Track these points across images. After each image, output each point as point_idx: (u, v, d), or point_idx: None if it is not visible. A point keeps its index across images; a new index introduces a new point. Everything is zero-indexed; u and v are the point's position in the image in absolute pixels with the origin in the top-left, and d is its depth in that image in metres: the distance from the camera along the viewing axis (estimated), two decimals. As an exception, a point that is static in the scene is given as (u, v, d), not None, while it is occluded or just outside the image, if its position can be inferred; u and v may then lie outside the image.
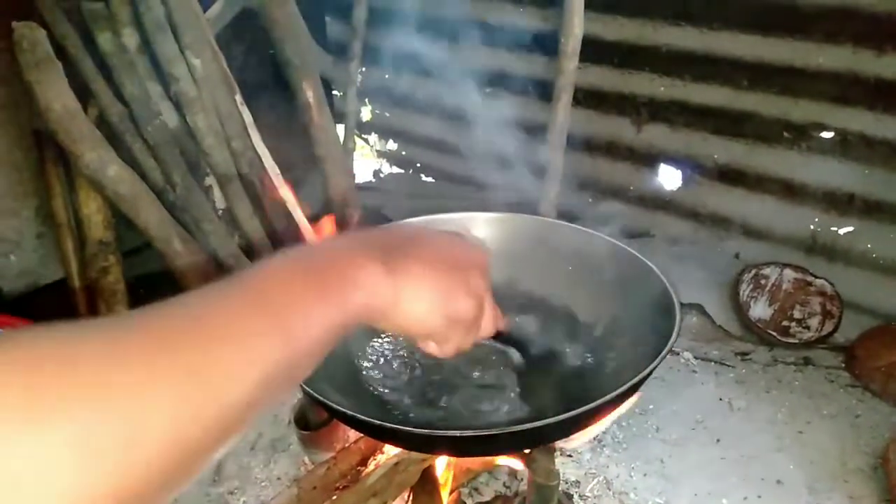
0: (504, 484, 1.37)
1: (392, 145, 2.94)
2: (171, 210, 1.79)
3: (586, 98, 2.22)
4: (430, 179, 2.85)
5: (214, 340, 0.36)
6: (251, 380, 0.36)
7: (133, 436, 0.30)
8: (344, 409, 0.75)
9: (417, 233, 0.59)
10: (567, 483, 1.39)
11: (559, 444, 1.19)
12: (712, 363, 1.78)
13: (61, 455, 0.27)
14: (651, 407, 1.61)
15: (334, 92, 2.69)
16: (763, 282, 1.88)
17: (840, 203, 1.88)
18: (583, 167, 2.32)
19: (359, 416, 0.75)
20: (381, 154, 2.99)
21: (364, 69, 2.53)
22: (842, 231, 1.90)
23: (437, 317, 0.54)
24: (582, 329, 1.09)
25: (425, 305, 0.53)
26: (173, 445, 0.31)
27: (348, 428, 1.15)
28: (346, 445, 1.23)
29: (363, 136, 2.95)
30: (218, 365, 0.35)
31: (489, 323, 0.63)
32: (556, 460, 1.40)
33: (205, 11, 1.83)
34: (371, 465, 1.15)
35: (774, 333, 1.82)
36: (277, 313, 0.40)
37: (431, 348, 0.60)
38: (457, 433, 0.76)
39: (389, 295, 0.50)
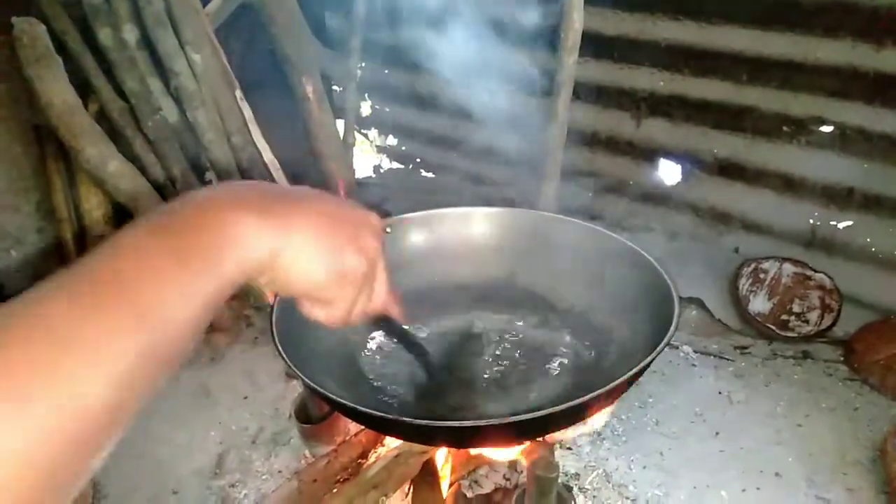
0: (504, 476, 1.37)
1: (392, 140, 2.94)
2: (172, 205, 1.79)
3: (586, 93, 2.22)
4: (430, 175, 2.85)
5: (55, 354, 0.32)
6: (103, 386, 0.33)
7: None
8: (345, 402, 0.76)
9: (301, 188, 0.54)
10: (567, 475, 1.39)
11: (557, 435, 1.20)
12: (711, 357, 1.79)
13: None
14: (650, 400, 1.62)
15: (334, 87, 2.69)
16: (762, 276, 1.88)
17: (839, 197, 1.88)
18: (583, 162, 2.32)
19: (360, 407, 0.75)
20: (380, 149, 2.99)
21: (363, 64, 2.53)
22: (841, 225, 1.90)
23: (322, 271, 0.50)
24: (581, 322, 1.09)
25: (309, 257, 0.49)
26: (28, 470, 0.29)
27: (349, 421, 1.15)
28: (347, 438, 1.24)
29: (363, 131, 2.95)
30: (62, 382, 0.31)
31: (381, 293, 0.60)
32: (556, 452, 1.40)
33: (204, 7, 1.83)
34: (372, 458, 1.16)
35: (773, 327, 1.83)
36: (132, 302, 0.36)
37: (317, 313, 0.56)
38: (456, 424, 0.76)
39: (267, 247, 0.45)
